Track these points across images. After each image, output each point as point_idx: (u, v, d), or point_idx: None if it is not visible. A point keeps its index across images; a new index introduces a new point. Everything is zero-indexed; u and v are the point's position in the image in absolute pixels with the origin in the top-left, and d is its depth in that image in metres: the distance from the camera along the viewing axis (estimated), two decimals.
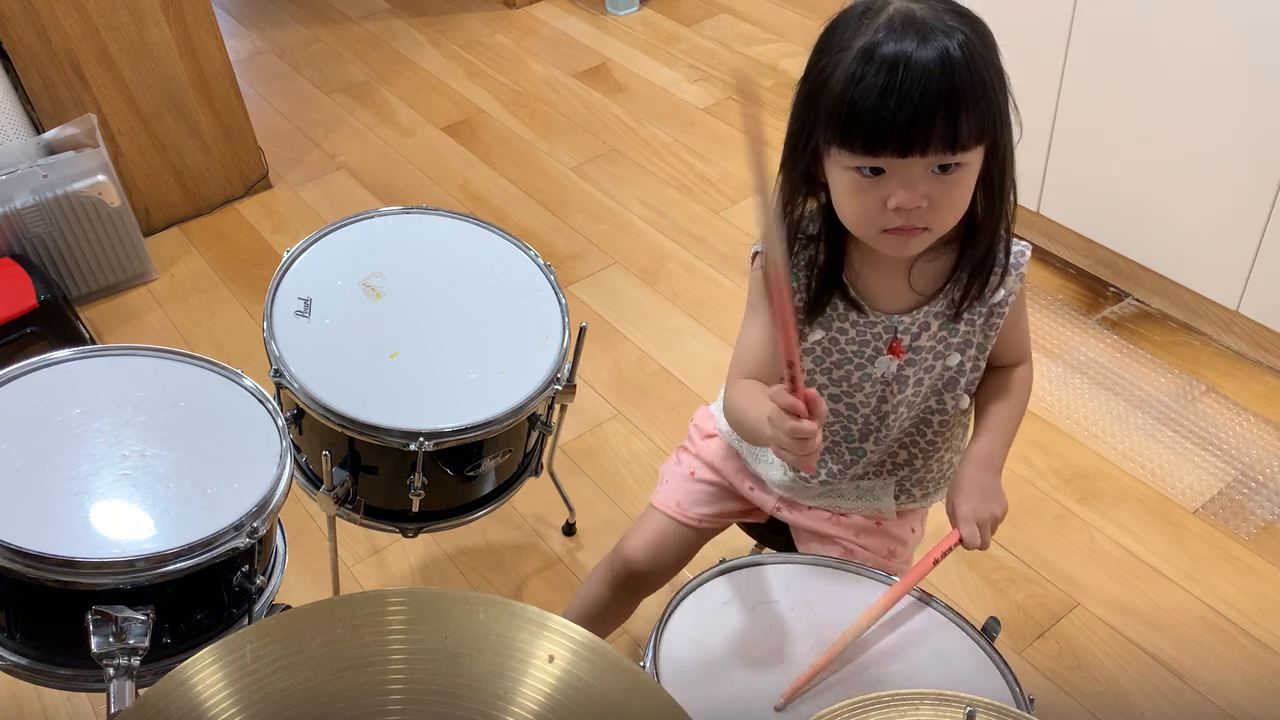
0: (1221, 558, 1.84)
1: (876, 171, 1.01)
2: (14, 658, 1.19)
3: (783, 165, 1.12)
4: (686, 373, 2.23)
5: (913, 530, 1.35)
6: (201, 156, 2.66)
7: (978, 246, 1.12)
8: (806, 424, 0.96)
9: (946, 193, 1.02)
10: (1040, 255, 2.45)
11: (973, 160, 1.02)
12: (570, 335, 1.49)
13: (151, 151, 2.58)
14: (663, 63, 3.26)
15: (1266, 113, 1.91)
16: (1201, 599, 1.78)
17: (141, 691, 1.10)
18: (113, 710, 1.09)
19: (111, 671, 1.10)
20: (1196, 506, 1.92)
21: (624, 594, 1.46)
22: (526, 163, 2.87)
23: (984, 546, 1.15)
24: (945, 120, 0.97)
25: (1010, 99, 1.04)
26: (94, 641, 1.10)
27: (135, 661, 1.11)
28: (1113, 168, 2.20)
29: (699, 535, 1.41)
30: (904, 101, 0.95)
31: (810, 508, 1.33)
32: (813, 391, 0.96)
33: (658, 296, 2.43)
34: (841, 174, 1.04)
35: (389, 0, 3.69)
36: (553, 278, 1.56)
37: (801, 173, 1.10)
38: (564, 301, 1.52)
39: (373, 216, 1.61)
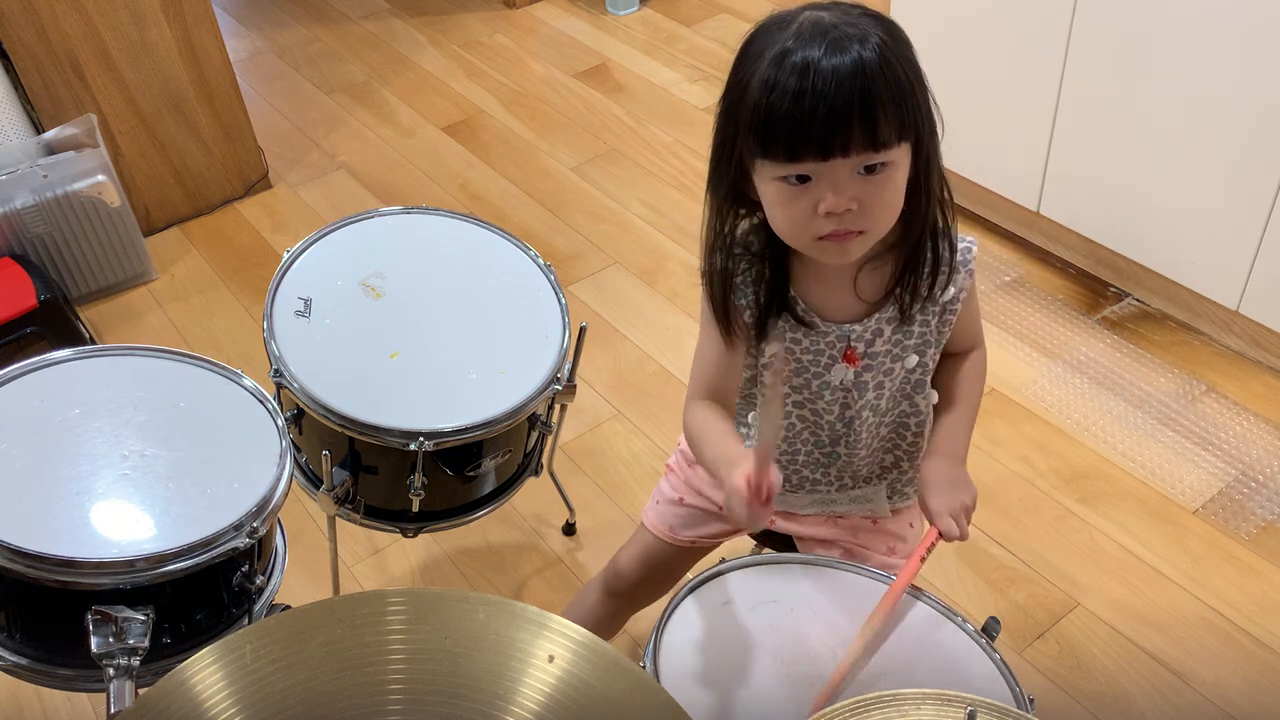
0: (1221, 558, 1.84)
1: (803, 179, 1.00)
2: (14, 658, 1.19)
3: (709, 186, 1.11)
4: (686, 373, 2.21)
5: (911, 525, 1.35)
6: (201, 156, 2.66)
7: (913, 247, 1.11)
8: (757, 509, 0.98)
9: (875, 194, 1.01)
10: (1040, 255, 2.45)
11: (899, 159, 1.01)
12: (570, 335, 1.49)
13: (151, 151, 2.58)
14: (663, 63, 3.26)
15: (1266, 112, 1.91)
16: (1201, 599, 1.78)
17: (141, 691, 1.10)
18: (113, 710, 1.09)
19: (111, 671, 1.10)
20: (1196, 506, 1.92)
21: (618, 605, 1.47)
22: (526, 163, 2.87)
23: (963, 537, 1.15)
24: (862, 118, 0.96)
25: (931, 97, 1.03)
26: (94, 641, 1.10)
27: (135, 661, 1.11)
28: (1113, 168, 2.20)
29: (693, 553, 1.43)
30: (818, 102, 0.95)
31: (806, 515, 1.33)
32: (771, 485, 0.98)
33: (658, 296, 2.43)
34: (769, 186, 1.03)
35: (389, 0, 3.69)
36: (553, 278, 1.56)
37: (727, 190, 1.09)
38: (564, 301, 1.52)
39: (373, 216, 1.61)
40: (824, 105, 0.95)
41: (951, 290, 1.16)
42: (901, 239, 1.11)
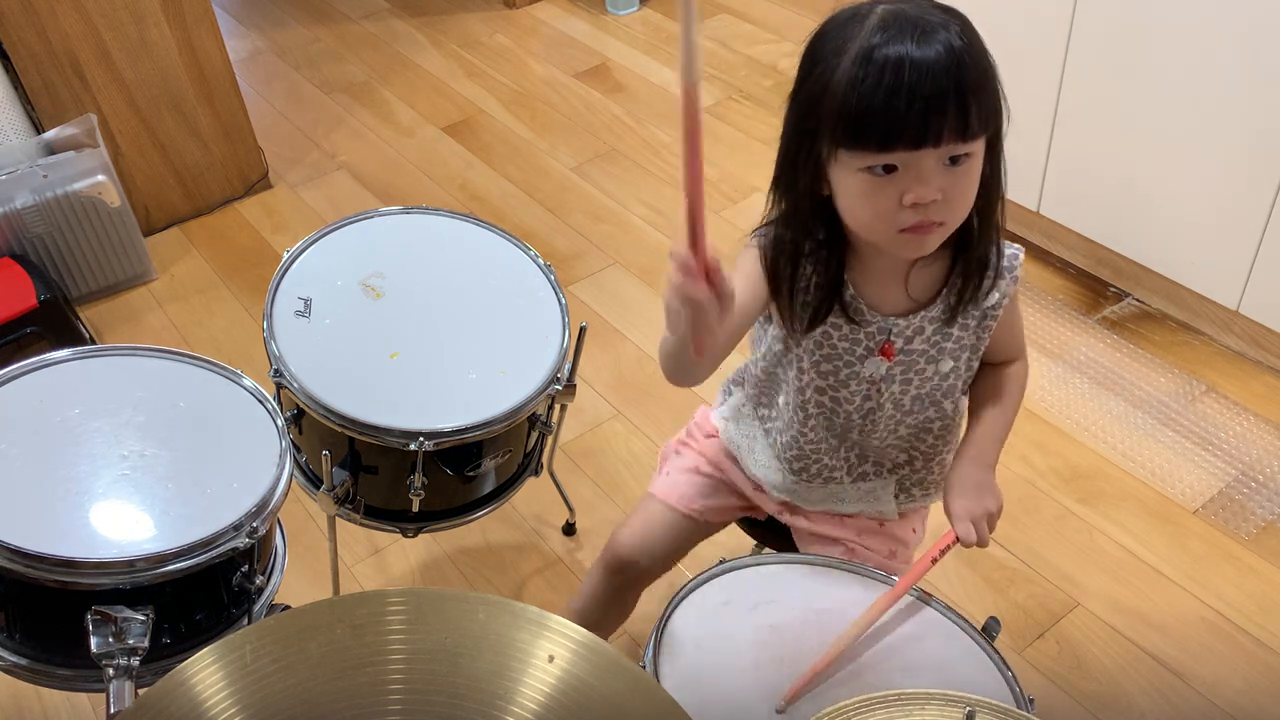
0: (1221, 558, 1.84)
1: (889, 170, 1.00)
2: (14, 658, 1.19)
3: (777, 182, 1.11)
4: None
5: (914, 530, 1.36)
6: (201, 156, 2.66)
7: (974, 246, 1.11)
8: (697, 288, 0.84)
9: (958, 185, 1.01)
10: (1040, 255, 2.45)
11: (979, 150, 1.02)
12: (570, 335, 1.49)
13: (151, 151, 2.58)
14: (663, 63, 3.26)
15: (1266, 112, 1.91)
16: (1201, 599, 1.78)
17: (141, 691, 1.10)
18: (112, 710, 1.08)
19: (111, 672, 1.10)
20: (1196, 506, 1.92)
21: (618, 584, 1.43)
22: (526, 163, 2.87)
23: (983, 543, 1.15)
24: (956, 109, 0.96)
25: (1001, 89, 1.03)
26: (93, 642, 1.10)
27: (135, 662, 1.11)
28: (1113, 168, 2.20)
29: (696, 528, 1.39)
30: (915, 95, 0.95)
31: (814, 512, 1.33)
32: (714, 258, 0.84)
33: (658, 296, 2.42)
34: (851, 177, 1.02)
35: (389, 0, 3.69)
36: (553, 278, 1.56)
37: (804, 187, 1.08)
38: (564, 301, 1.52)
39: (373, 216, 1.61)
40: (920, 95, 0.95)
41: (995, 295, 1.16)
42: (958, 237, 1.10)
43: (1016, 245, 1.17)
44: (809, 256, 1.14)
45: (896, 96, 0.95)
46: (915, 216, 1.01)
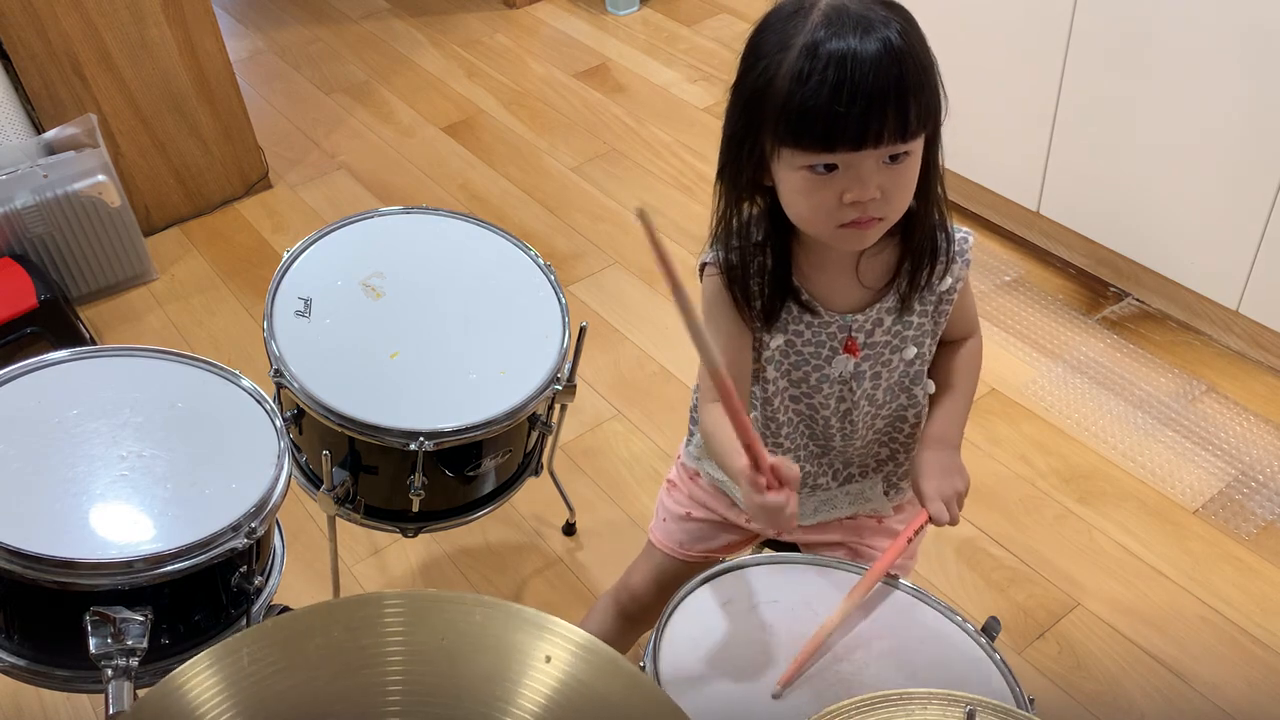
0: (1221, 558, 1.84)
1: (830, 168, 1.01)
2: (12, 659, 1.19)
3: (722, 173, 1.11)
4: (686, 372, 2.22)
5: None
6: (201, 156, 2.66)
7: (916, 235, 1.13)
8: (772, 498, 0.98)
9: (897, 182, 1.03)
10: (1040, 255, 2.45)
11: (918, 148, 1.03)
12: (570, 335, 1.49)
13: (151, 151, 2.58)
14: (663, 63, 3.26)
15: (1266, 112, 1.91)
16: (1201, 599, 1.78)
17: (141, 693, 1.10)
18: (111, 711, 1.08)
19: (110, 672, 1.10)
20: (1196, 506, 1.92)
21: (629, 625, 1.47)
22: (526, 163, 2.87)
23: (953, 522, 1.17)
24: (896, 111, 0.97)
25: (939, 80, 1.04)
26: (92, 642, 1.10)
27: (134, 662, 1.11)
28: (1113, 168, 2.20)
29: (704, 564, 1.42)
30: (856, 95, 0.96)
31: (812, 526, 1.33)
32: (780, 460, 0.98)
33: (658, 296, 2.42)
34: (793, 174, 1.03)
35: (389, 0, 3.69)
36: (553, 278, 1.56)
37: (747, 179, 1.09)
38: (564, 301, 1.52)
39: (373, 216, 1.61)
40: (861, 99, 0.96)
41: (949, 280, 1.17)
42: (905, 225, 1.12)
43: (966, 229, 1.18)
44: (751, 260, 1.14)
45: (839, 97, 0.96)
46: (854, 213, 1.03)
